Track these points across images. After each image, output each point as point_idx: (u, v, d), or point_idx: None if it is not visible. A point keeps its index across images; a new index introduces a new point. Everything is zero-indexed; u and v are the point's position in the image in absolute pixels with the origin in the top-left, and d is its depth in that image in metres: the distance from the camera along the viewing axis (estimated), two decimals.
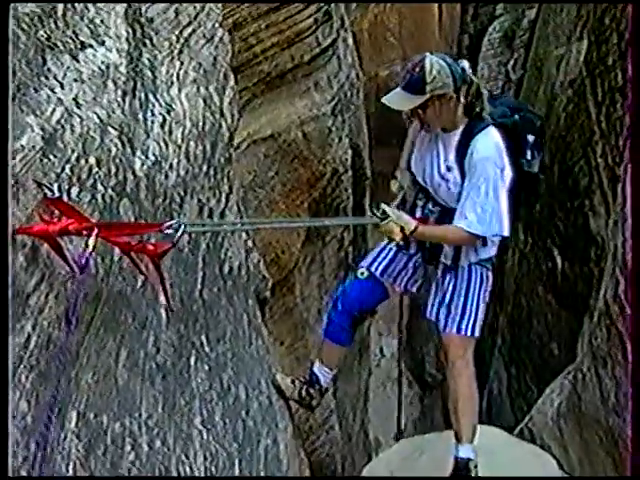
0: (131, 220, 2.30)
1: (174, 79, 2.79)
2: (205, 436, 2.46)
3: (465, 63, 2.72)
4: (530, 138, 2.78)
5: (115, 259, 2.23)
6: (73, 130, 2.18)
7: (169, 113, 2.68)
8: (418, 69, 2.58)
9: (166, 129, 2.64)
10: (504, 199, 2.67)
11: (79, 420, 1.92)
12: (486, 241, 2.83)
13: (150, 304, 2.38)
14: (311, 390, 3.14)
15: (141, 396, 2.20)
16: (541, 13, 7.17)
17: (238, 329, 2.93)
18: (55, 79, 2.20)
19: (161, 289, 2.34)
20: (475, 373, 3.03)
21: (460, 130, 2.71)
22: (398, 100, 2.64)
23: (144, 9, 2.75)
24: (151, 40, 2.73)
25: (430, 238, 2.87)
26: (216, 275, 2.86)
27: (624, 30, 4.75)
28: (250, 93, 4.26)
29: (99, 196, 2.21)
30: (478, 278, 2.91)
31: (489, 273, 2.96)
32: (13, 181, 1.84)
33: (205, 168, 2.84)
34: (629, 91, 4.27)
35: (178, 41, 2.89)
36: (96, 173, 2.22)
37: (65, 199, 2.02)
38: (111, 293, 2.18)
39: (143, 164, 2.46)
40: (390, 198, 3.03)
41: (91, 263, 1.95)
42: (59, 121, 2.13)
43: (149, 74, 2.65)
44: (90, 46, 2.40)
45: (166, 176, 2.58)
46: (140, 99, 2.55)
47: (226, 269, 2.96)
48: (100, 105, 2.34)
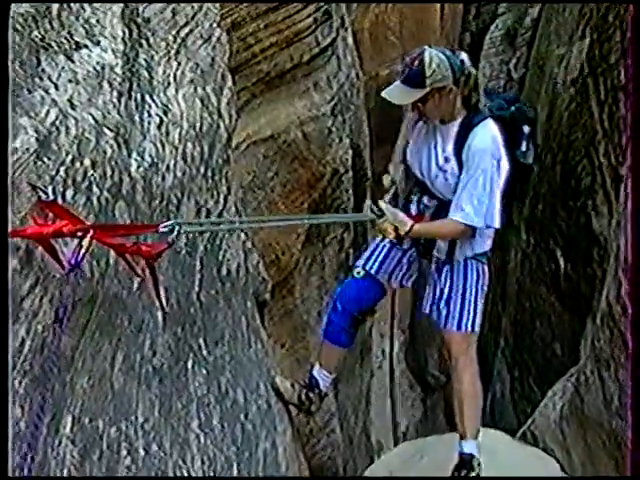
0: (127, 223, 2.28)
1: (171, 80, 2.77)
2: (203, 440, 2.43)
3: (464, 55, 2.74)
4: (525, 129, 2.82)
5: (111, 262, 2.21)
6: (68, 132, 2.16)
7: (166, 114, 2.66)
8: (417, 63, 2.59)
9: (163, 130, 2.62)
10: (498, 192, 2.70)
11: (74, 425, 1.90)
12: (475, 233, 2.84)
13: (146, 307, 2.36)
14: (310, 394, 3.12)
15: (137, 400, 2.18)
16: (544, 11, 7.14)
17: (236, 332, 2.90)
18: (49, 80, 2.18)
19: (154, 291, 2.32)
20: (479, 370, 3.03)
21: (458, 121, 2.73)
22: (398, 94, 2.66)
23: (141, 9, 2.74)
24: (147, 40, 2.71)
25: (426, 235, 2.88)
26: (214, 277, 2.83)
27: (627, 28, 4.71)
28: (249, 93, 4.24)
29: (94, 198, 2.19)
30: (474, 273, 2.92)
31: (485, 267, 2.96)
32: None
33: (203, 169, 2.82)
34: (630, 93, 4.24)
35: (175, 41, 2.87)
36: (91, 175, 2.20)
37: (60, 202, 2.00)
38: (107, 296, 2.16)
39: (139, 166, 2.44)
40: (382, 193, 3.03)
41: (83, 263, 1.93)
42: (53, 123, 2.11)
43: (145, 75, 2.63)
44: (85, 46, 2.38)
45: (163, 178, 2.56)
46: (136, 100, 2.53)
47: (224, 271, 2.94)
48: (95, 106, 2.32)
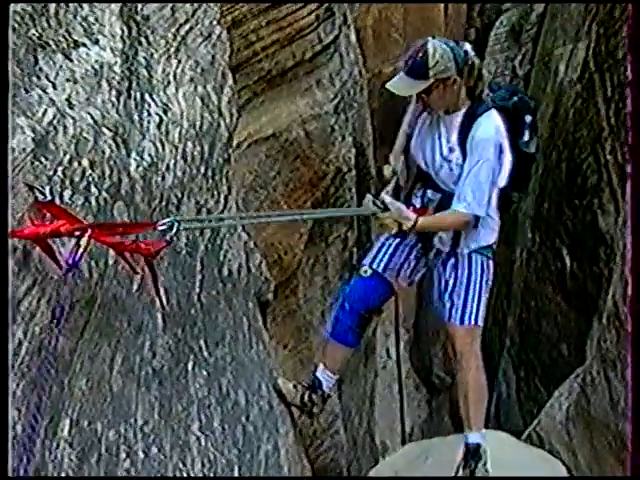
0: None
1: (171, 78, 2.74)
2: (203, 442, 2.41)
3: (467, 46, 2.76)
4: (527, 119, 2.83)
5: (110, 262, 2.18)
6: (66, 131, 2.13)
7: (166, 113, 2.63)
8: (421, 54, 2.61)
9: (163, 129, 2.59)
10: (494, 182, 2.73)
11: (72, 428, 1.88)
12: (477, 224, 2.84)
13: (146, 308, 2.34)
14: (313, 396, 3.10)
15: (137, 402, 2.16)
16: (549, 7, 7.07)
17: (238, 333, 2.88)
18: (47, 79, 2.16)
19: (154, 288, 2.30)
20: (483, 365, 3.03)
21: (463, 112, 2.75)
22: (402, 85, 2.67)
23: (140, 7, 2.71)
24: (147, 38, 2.69)
25: (430, 229, 2.88)
26: (215, 278, 2.81)
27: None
28: (250, 92, 4.21)
29: (93, 199, 2.17)
30: (479, 267, 2.92)
31: (490, 262, 2.96)
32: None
33: (203, 169, 2.80)
34: (629, 95, 4.20)
35: (175, 39, 2.85)
36: (89, 175, 2.17)
37: (57, 202, 1.98)
38: (105, 297, 2.13)
39: (139, 165, 2.42)
40: (384, 183, 3.01)
41: (81, 262, 1.91)
42: (51, 122, 2.08)
43: (145, 73, 2.60)
44: (84, 45, 2.35)
45: (163, 177, 2.53)
46: (135, 99, 2.51)
47: (225, 271, 2.91)
48: (94, 105, 2.29)
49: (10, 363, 1.71)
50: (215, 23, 3.12)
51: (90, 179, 2.17)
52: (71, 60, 2.27)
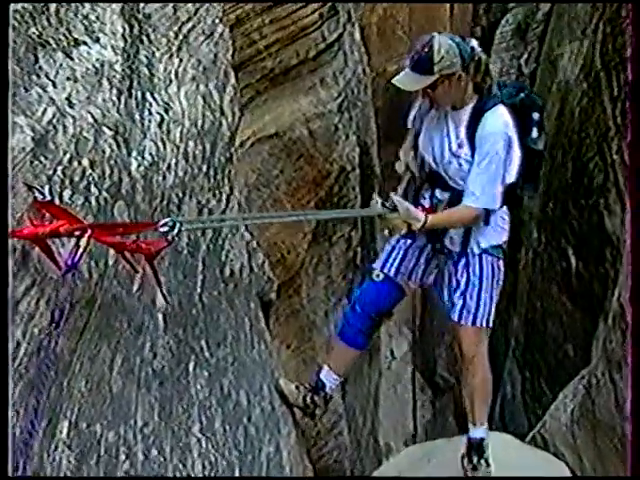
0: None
1: (172, 77, 2.73)
2: (204, 444, 2.40)
3: (474, 42, 2.75)
4: (535, 116, 2.82)
5: (110, 263, 2.17)
6: (65, 130, 2.12)
7: (167, 112, 2.62)
8: (426, 49, 2.61)
9: (164, 128, 2.58)
10: (504, 177, 2.72)
11: (70, 429, 1.87)
12: (489, 220, 2.82)
13: (146, 308, 2.32)
14: (315, 397, 3.09)
15: (137, 404, 2.15)
16: (555, 6, 7.01)
17: (239, 333, 2.86)
18: (47, 77, 2.14)
19: (157, 288, 2.29)
20: (489, 366, 3.04)
21: (470, 107, 2.74)
22: (407, 81, 2.67)
23: (141, 5, 2.69)
24: (148, 37, 2.67)
25: (440, 226, 2.86)
26: (217, 278, 2.79)
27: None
28: (253, 90, 4.19)
29: (93, 199, 2.15)
30: (490, 268, 2.90)
31: (501, 263, 2.95)
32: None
33: (205, 168, 2.78)
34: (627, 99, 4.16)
35: (177, 38, 2.83)
36: (90, 175, 2.16)
37: (57, 202, 1.96)
38: (105, 298, 2.12)
39: (139, 165, 2.40)
40: (397, 180, 2.99)
41: (80, 263, 1.89)
42: (51, 121, 2.07)
43: (146, 72, 2.59)
44: (84, 43, 2.34)
45: (164, 177, 2.52)
46: (136, 98, 2.49)
47: (227, 272, 2.89)
48: (94, 104, 2.28)
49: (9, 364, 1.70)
50: (217, 21, 3.10)
51: (90, 179, 2.15)
52: (72, 59, 2.26)
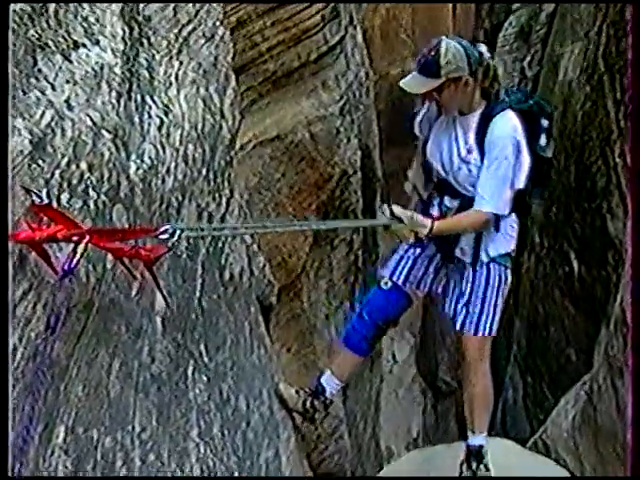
0: (125, 227, 2.23)
1: (172, 80, 2.72)
2: (202, 449, 2.38)
3: (483, 47, 2.76)
4: (544, 122, 2.81)
5: (108, 266, 2.15)
6: (64, 134, 2.10)
7: (167, 115, 2.60)
8: (433, 52, 2.62)
9: (163, 132, 2.56)
10: (513, 182, 2.70)
11: (67, 435, 1.85)
12: (499, 227, 2.80)
13: (145, 312, 2.30)
14: (315, 402, 3.08)
15: (134, 408, 2.13)
16: (559, 8, 6.99)
17: (239, 337, 2.85)
18: (46, 80, 2.13)
19: (158, 293, 2.27)
20: (491, 374, 3.04)
21: (479, 112, 2.74)
22: (414, 83, 2.69)
23: (141, 7, 2.68)
24: (148, 39, 2.66)
25: (448, 232, 2.84)
26: (216, 282, 2.78)
27: None
28: (255, 93, 4.18)
29: (91, 202, 2.14)
30: (497, 277, 2.89)
31: (508, 273, 2.93)
32: None
33: (204, 172, 2.77)
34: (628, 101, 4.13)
35: (177, 40, 2.82)
36: (88, 178, 2.14)
37: (55, 206, 1.95)
38: (103, 301, 2.10)
39: (138, 168, 2.39)
40: (404, 200, 2.97)
41: (77, 269, 1.88)
42: (49, 124, 2.06)
43: (146, 75, 2.58)
44: (84, 46, 2.33)
45: (163, 180, 2.50)
46: (136, 101, 2.48)
47: (227, 275, 2.88)
48: (93, 107, 2.27)
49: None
50: (218, 24, 3.09)
51: (89, 182, 2.14)
52: (71, 61, 2.25)
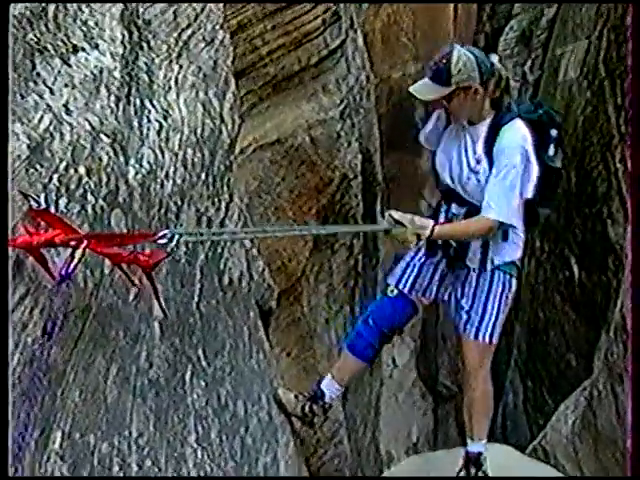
0: (123, 232, 2.22)
1: (172, 84, 2.71)
2: (200, 455, 2.37)
3: (494, 57, 2.77)
4: (553, 133, 2.81)
5: (105, 271, 2.14)
6: (62, 138, 2.10)
7: (166, 119, 2.60)
8: (445, 60, 2.64)
9: (162, 136, 2.56)
10: (521, 191, 2.70)
11: (64, 440, 1.84)
12: (507, 236, 2.79)
13: (143, 317, 2.29)
14: (314, 407, 3.07)
15: (131, 414, 2.12)
16: (560, 12, 6.98)
17: (237, 342, 2.84)
18: (44, 84, 2.12)
19: (155, 301, 2.26)
20: (492, 381, 3.03)
21: (488, 122, 2.75)
22: (424, 90, 2.71)
23: (141, 11, 2.68)
24: (148, 43, 2.65)
25: (450, 237, 2.84)
26: (215, 287, 2.77)
27: None
28: (255, 96, 4.18)
29: (89, 207, 2.13)
30: (500, 285, 2.88)
31: (513, 281, 2.92)
32: None
33: (204, 176, 2.76)
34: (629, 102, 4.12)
35: (177, 44, 2.81)
36: (86, 183, 2.13)
37: (53, 211, 1.94)
38: (101, 307, 2.09)
39: (137, 173, 2.38)
40: (405, 203, 2.96)
41: (74, 274, 1.87)
42: (47, 129, 2.05)
43: (145, 79, 2.57)
44: (83, 49, 2.33)
45: (162, 185, 2.50)
46: (135, 105, 2.47)
47: (226, 280, 2.87)
48: (92, 111, 2.26)
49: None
50: (218, 28, 3.09)
51: (87, 187, 2.13)
52: (69, 65, 2.24)
